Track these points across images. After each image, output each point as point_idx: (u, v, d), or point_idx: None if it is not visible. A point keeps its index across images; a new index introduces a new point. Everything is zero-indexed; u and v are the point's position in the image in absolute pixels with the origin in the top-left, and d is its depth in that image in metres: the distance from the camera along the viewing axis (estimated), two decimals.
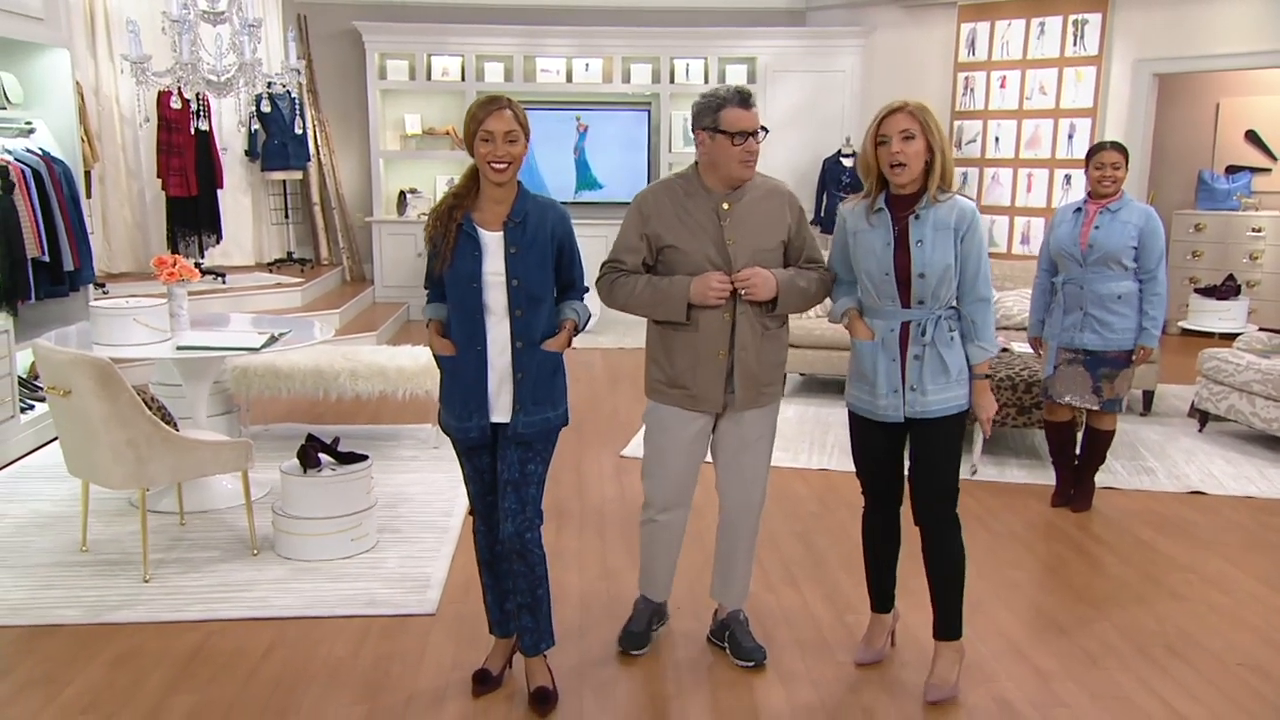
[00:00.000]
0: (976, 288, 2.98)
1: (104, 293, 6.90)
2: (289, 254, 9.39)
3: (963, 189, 9.43)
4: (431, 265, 2.92)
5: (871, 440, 3.13)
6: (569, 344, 3.01)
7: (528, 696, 3.05)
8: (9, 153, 5.48)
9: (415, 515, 4.52)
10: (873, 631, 3.34)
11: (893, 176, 2.90)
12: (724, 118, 2.98)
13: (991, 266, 7.61)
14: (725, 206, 3.06)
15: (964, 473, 3.18)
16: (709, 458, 3.27)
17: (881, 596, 3.31)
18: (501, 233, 2.86)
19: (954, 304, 3.03)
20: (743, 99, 3.00)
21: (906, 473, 3.16)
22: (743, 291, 3.01)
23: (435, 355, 2.99)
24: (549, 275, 2.93)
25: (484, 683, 3.11)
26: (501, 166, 2.80)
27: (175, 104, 5.07)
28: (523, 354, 2.89)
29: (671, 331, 3.10)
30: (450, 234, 2.84)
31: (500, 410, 2.92)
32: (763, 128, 3.04)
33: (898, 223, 2.95)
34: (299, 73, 5.08)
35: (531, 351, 2.90)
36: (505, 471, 2.94)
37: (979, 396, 3.05)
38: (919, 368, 2.98)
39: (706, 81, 9.58)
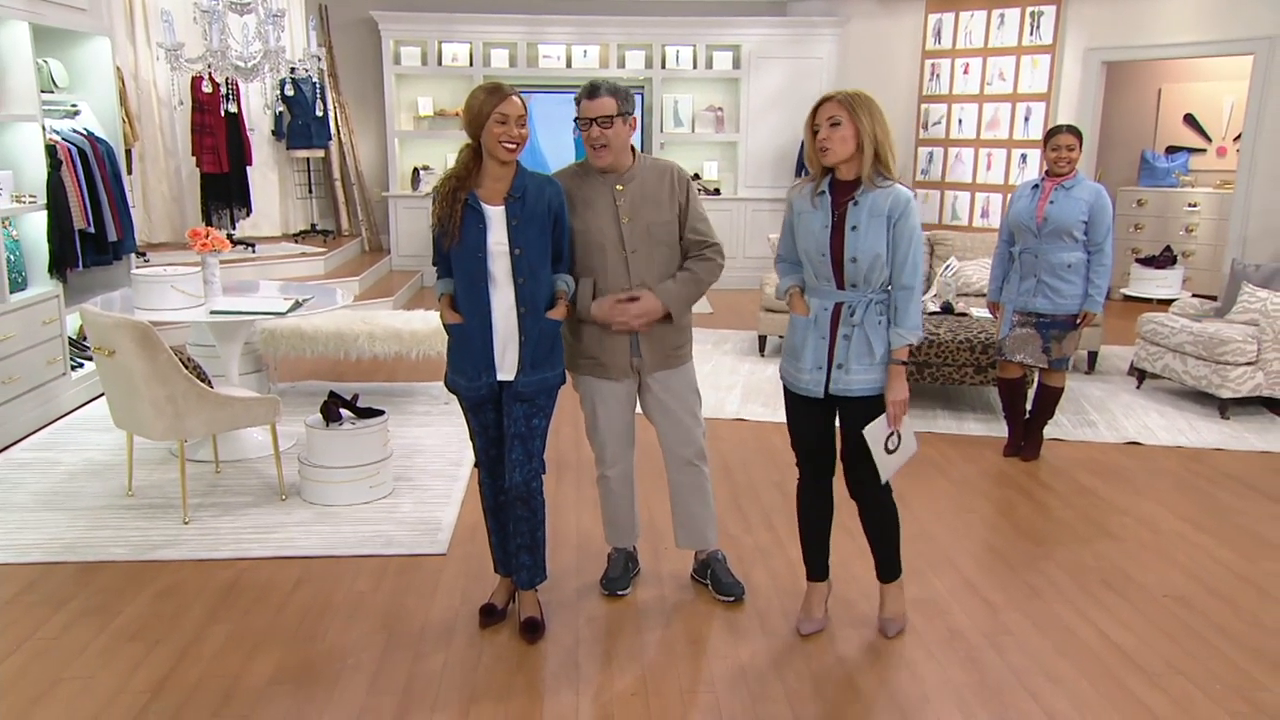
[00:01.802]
0: (902, 275, 2.81)
1: (145, 261, 6.85)
2: (313, 225, 9.31)
3: (929, 171, 9.38)
4: (439, 243, 2.89)
5: (801, 413, 3.01)
6: (567, 313, 3.01)
7: (519, 626, 3.09)
8: (57, 133, 5.41)
9: (428, 465, 4.52)
10: (811, 601, 3.17)
11: (821, 159, 2.80)
12: (579, 110, 2.96)
13: (953, 239, 7.54)
14: (619, 189, 3.03)
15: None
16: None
17: (817, 565, 3.16)
18: (503, 206, 2.84)
19: (889, 289, 2.88)
20: (588, 91, 2.96)
21: (839, 447, 3.04)
22: (634, 317, 3.02)
23: (445, 324, 2.97)
24: (548, 246, 2.91)
25: (490, 615, 3.14)
26: (513, 146, 2.79)
27: (206, 88, 4.99)
28: (526, 319, 2.88)
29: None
30: (456, 212, 2.81)
31: (506, 370, 2.91)
32: (617, 115, 2.93)
33: (838, 208, 2.83)
34: (319, 59, 5.00)
35: (534, 317, 2.89)
36: (512, 426, 2.94)
37: (890, 380, 2.85)
38: (846, 347, 2.85)
39: (695, 67, 9.50)
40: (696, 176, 9.76)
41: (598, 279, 3.05)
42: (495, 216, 2.83)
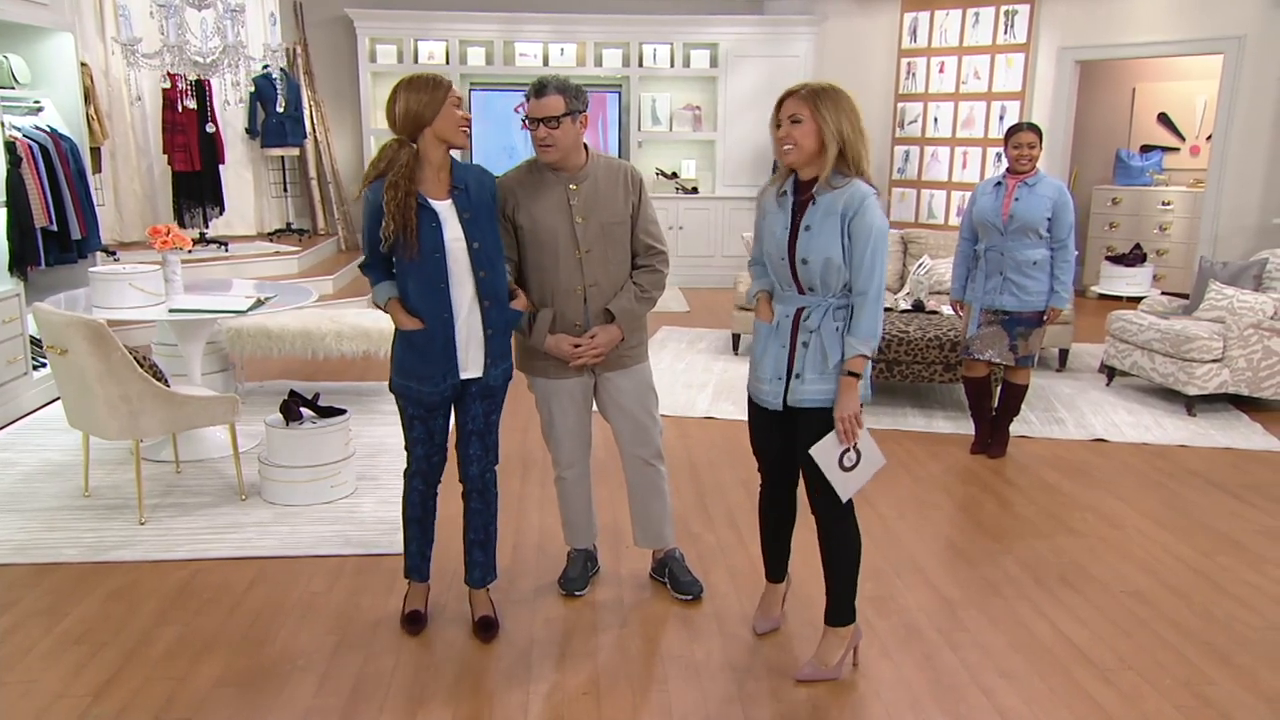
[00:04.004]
0: (858, 279, 2.59)
1: (115, 260, 6.78)
2: (288, 224, 9.25)
3: (905, 170, 9.38)
4: (377, 249, 2.77)
5: (761, 425, 2.88)
6: (528, 303, 2.99)
7: (472, 625, 3.06)
8: (17, 129, 5.34)
9: (392, 464, 4.47)
10: (767, 600, 3.12)
11: (781, 157, 2.64)
12: (527, 108, 2.94)
13: (926, 237, 7.49)
14: (573, 188, 2.99)
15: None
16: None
17: (775, 567, 3.09)
18: (450, 200, 2.79)
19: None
20: (535, 90, 2.91)
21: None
22: (594, 356, 3.04)
23: (402, 330, 2.84)
24: (499, 235, 2.88)
25: (417, 622, 3.07)
26: (468, 130, 2.76)
27: (165, 84, 4.94)
28: (491, 312, 2.83)
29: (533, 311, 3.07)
30: (412, 216, 2.70)
31: (471, 368, 2.86)
32: (562, 114, 2.87)
33: (798, 208, 2.66)
34: (279, 54, 4.95)
35: (499, 309, 2.85)
36: (470, 423, 2.90)
37: (840, 394, 2.62)
38: (805, 355, 2.67)
39: (673, 65, 9.48)
40: (675, 175, 9.74)
41: (550, 279, 3.02)
42: (445, 211, 2.77)
